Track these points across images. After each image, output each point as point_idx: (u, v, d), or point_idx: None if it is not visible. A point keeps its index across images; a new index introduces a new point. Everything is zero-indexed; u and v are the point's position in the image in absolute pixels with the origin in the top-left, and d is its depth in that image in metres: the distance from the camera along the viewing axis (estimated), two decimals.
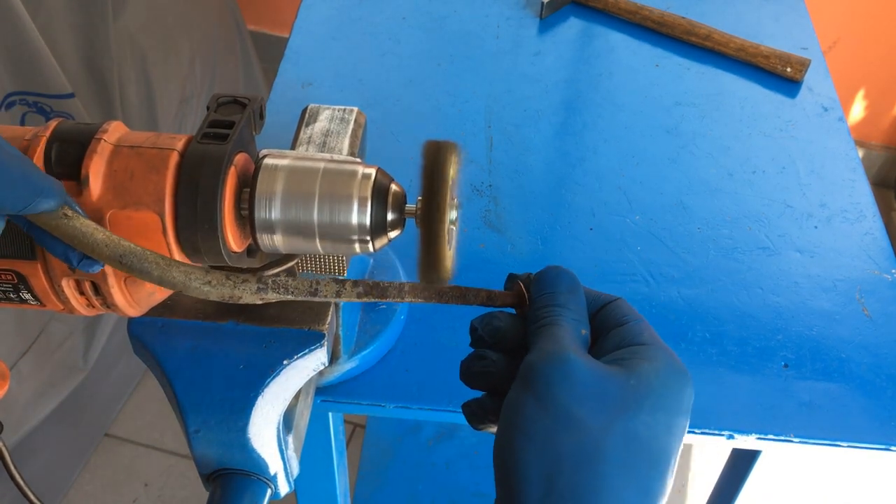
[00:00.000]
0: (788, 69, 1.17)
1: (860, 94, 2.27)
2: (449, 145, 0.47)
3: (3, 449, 0.57)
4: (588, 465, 0.42)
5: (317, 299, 0.49)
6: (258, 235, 0.49)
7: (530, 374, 0.44)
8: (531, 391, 0.44)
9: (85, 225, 0.44)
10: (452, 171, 0.47)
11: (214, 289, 0.47)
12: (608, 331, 0.48)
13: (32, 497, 0.59)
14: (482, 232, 0.95)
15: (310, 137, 0.73)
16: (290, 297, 0.49)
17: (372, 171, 0.49)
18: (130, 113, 1.64)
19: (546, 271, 0.49)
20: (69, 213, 0.44)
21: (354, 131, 0.74)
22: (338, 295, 0.49)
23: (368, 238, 0.49)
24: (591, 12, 1.29)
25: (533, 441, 0.43)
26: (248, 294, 0.48)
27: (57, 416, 1.56)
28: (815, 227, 0.98)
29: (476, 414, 0.50)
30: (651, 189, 1.02)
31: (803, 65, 1.17)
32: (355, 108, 0.75)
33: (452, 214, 0.48)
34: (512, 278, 0.51)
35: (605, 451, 0.42)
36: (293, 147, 0.73)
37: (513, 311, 0.50)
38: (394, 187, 0.50)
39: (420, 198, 0.47)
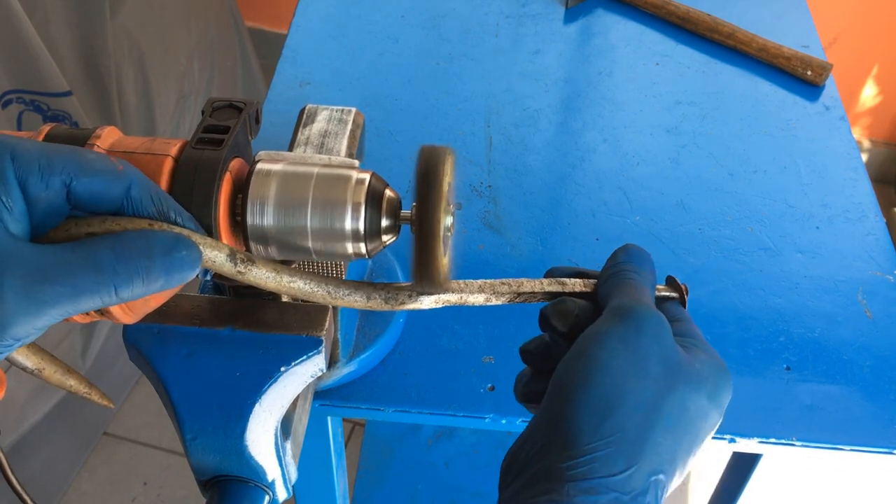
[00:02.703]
0: (809, 72, 1.15)
1: (859, 90, 2.26)
2: (444, 150, 0.46)
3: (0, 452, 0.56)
4: (646, 415, 0.45)
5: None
6: (251, 242, 0.48)
7: (626, 315, 0.48)
8: (621, 329, 0.47)
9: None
10: (448, 176, 0.46)
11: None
12: (669, 321, 0.51)
13: (29, 501, 0.59)
14: (481, 233, 0.95)
15: (307, 138, 0.72)
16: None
17: (366, 177, 0.49)
18: (128, 111, 1.63)
19: (631, 246, 0.56)
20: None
21: (353, 132, 0.73)
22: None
23: (363, 244, 0.49)
24: (613, 4, 1.29)
25: (607, 374, 0.46)
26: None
27: (55, 414, 1.55)
28: (817, 228, 0.98)
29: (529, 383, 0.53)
30: (651, 189, 1.01)
31: (824, 69, 1.15)
32: (353, 109, 0.75)
33: (447, 221, 0.47)
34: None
35: (661, 409, 0.46)
36: (291, 148, 0.72)
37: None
38: (388, 193, 0.49)
39: (415, 204, 0.46)
